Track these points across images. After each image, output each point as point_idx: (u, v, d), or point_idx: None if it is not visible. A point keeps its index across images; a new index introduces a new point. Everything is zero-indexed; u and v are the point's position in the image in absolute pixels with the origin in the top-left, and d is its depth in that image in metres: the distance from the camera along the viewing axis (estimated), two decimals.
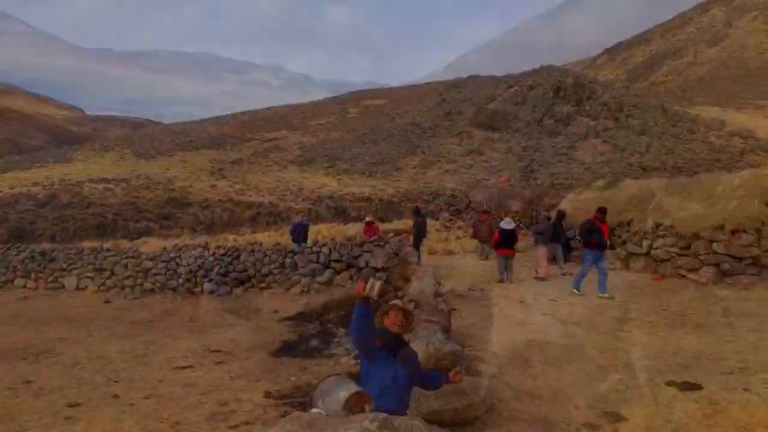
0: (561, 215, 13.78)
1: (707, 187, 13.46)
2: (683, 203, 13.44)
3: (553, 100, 70.58)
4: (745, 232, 11.72)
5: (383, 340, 3.90)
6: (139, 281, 16.46)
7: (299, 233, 17.35)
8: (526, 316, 9.40)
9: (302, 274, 15.55)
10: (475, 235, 18.64)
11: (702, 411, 5.53)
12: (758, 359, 6.72)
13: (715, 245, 12.07)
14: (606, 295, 10.60)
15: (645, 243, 13.77)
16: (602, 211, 11.20)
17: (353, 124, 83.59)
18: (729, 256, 11.81)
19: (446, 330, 6.90)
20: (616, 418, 5.55)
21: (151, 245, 19.81)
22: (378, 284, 3.74)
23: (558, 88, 71.23)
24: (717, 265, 11.99)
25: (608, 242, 11.48)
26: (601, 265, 10.87)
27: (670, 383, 6.21)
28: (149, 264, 16.57)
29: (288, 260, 15.73)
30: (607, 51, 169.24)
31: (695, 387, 6.06)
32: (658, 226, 13.47)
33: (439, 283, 11.64)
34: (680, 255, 12.85)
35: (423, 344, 5.81)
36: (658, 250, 13.34)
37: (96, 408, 6.96)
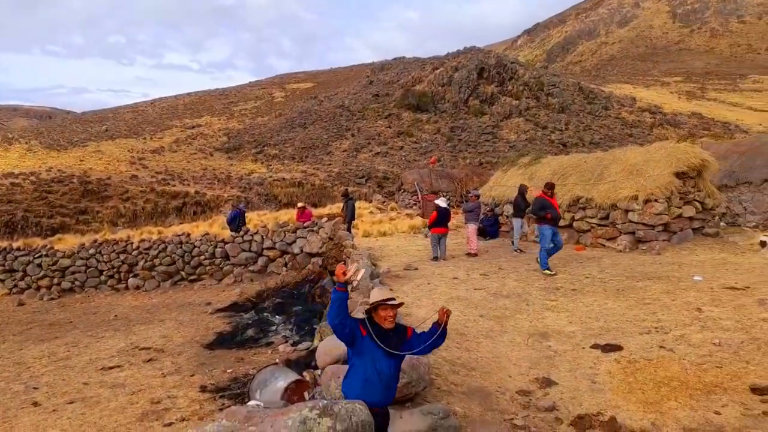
0: (523, 190, 13.65)
1: (622, 160, 14.25)
2: (601, 176, 14.17)
3: (478, 80, 72.20)
4: (657, 201, 12.53)
5: (372, 332, 3.65)
6: (56, 281, 15.43)
7: (238, 220, 16.89)
8: (460, 291, 9.63)
9: (234, 263, 15.15)
10: (424, 215, 19.28)
11: (623, 370, 5.91)
12: (671, 318, 7.24)
13: (630, 215, 12.85)
14: (550, 272, 10.51)
15: (567, 215, 14.43)
16: (550, 186, 11.19)
17: (280, 108, 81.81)
18: (643, 224, 12.61)
19: None
20: (547, 383, 5.82)
21: (67, 242, 18.52)
22: (362, 271, 3.56)
23: (482, 69, 72.88)
24: (633, 233, 12.78)
25: (560, 216, 11.46)
26: (558, 240, 10.82)
27: (594, 346, 6.58)
28: (66, 262, 15.55)
29: (219, 250, 15.26)
30: (526, 32, 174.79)
31: (616, 348, 6.46)
32: (578, 199, 14.14)
33: (375, 265, 11.71)
34: (599, 225, 13.60)
35: None
36: (579, 222, 14.03)
37: (13, 418, 6.48)
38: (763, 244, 11.76)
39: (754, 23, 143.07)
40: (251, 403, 3.15)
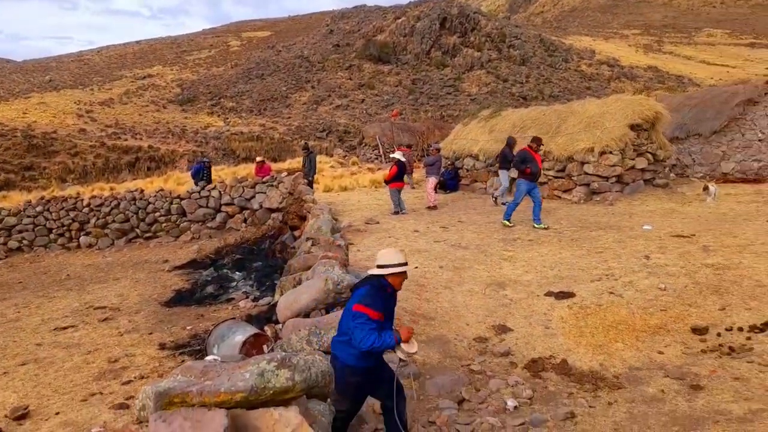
0: (511, 142, 13.06)
1: (579, 113, 14.43)
2: (559, 129, 14.34)
3: (440, 31, 71.05)
4: (611, 153, 12.82)
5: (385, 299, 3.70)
6: (1, 240, 14.78)
7: (202, 174, 16.43)
8: (420, 244, 9.73)
9: (192, 220, 14.82)
10: None
11: (575, 315, 6.15)
12: (621, 266, 7.53)
13: (586, 167, 13.13)
14: (542, 225, 10.34)
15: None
16: (537, 141, 10.80)
17: (236, 58, 78.78)
18: (597, 176, 12.93)
19: (344, 264, 6.95)
20: (503, 330, 6.02)
21: (12, 199, 17.67)
22: (415, 348, 3.62)
23: (444, 18, 71.59)
24: (587, 185, 13.10)
25: (541, 171, 10.97)
26: (536, 194, 10.49)
27: (548, 294, 6.81)
28: (12, 220, 14.87)
29: (175, 206, 14.86)
30: None
31: (569, 295, 6.70)
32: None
33: (336, 220, 11.66)
34: (556, 177, 13.86)
35: (322, 280, 5.82)
36: None
37: None
38: (705, 188, 12.30)
39: None
40: (208, 357, 3.12)
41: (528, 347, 5.59)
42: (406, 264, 3.72)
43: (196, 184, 15.96)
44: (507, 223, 10.65)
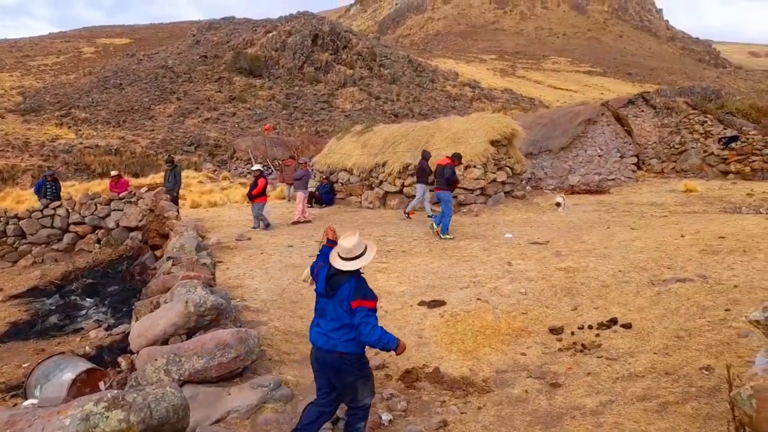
0: (426, 155, 12.96)
1: (446, 129, 15.16)
2: (428, 144, 14.92)
3: (312, 47, 71.35)
4: (475, 167, 13.59)
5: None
6: None
7: (45, 190, 14.48)
8: (294, 259, 9.46)
9: (33, 242, 13.09)
10: (282, 180, 19.95)
11: (446, 323, 6.29)
12: (486, 273, 7.91)
13: None
14: (449, 236, 10.56)
15: (398, 182, 15.01)
16: (459, 157, 11.52)
17: (90, 66, 72.27)
18: (464, 188, 13.62)
19: (209, 284, 6.49)
20: None
21: None
22: None
23: (316, 35, 72.09)
24: (455, 197, 13.72)
25: None
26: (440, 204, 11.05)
27: (421, 303, 6.92)
28: None
29: (11, 227, 13.04)
30: (359, 2, 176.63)
31: (440, 303, 6.87)
32: (407, 166, 14.75)
33: (203, 237, 10.97)
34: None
35: (182, 303, 5.34)
36: (408, 188, 14.67)
37: None
38: (558, 204, 13.48)
39: (554, 9, 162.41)
40: (26, 402, 2.61)
41: (402, 358, 5.58)
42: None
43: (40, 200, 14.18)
44: (448, 236, 10.47)
